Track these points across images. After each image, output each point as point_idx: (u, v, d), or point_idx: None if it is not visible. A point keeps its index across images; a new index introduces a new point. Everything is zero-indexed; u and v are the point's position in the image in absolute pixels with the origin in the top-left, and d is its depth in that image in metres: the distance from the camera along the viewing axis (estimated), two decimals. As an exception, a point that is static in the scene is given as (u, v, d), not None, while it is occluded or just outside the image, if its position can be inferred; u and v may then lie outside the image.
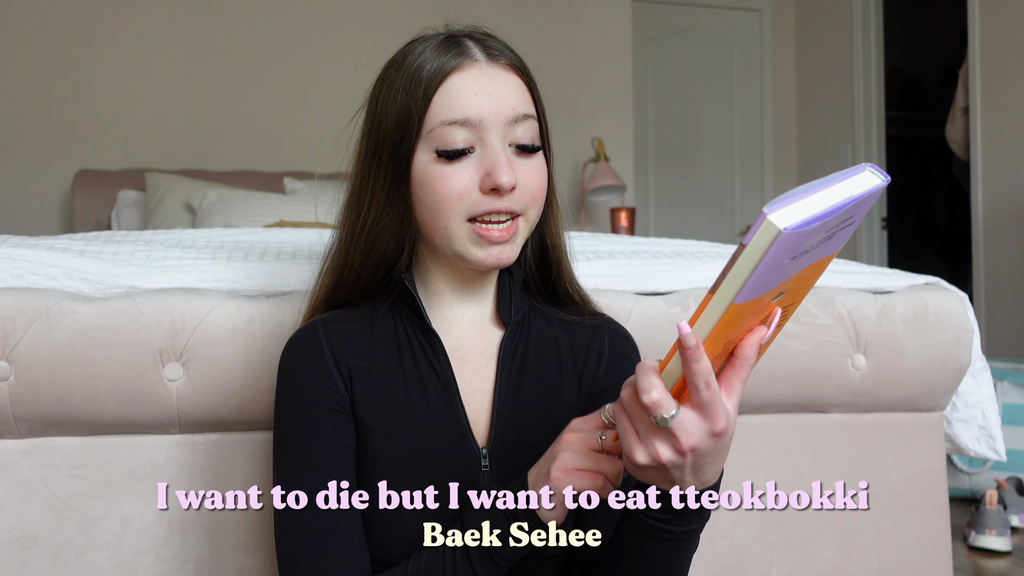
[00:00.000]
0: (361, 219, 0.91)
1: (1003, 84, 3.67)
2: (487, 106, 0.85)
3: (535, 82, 0.92)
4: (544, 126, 0.92)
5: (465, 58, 0.87)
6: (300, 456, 0.88)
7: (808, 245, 0.65)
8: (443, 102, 0.86)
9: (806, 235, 0.62)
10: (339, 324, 0.92)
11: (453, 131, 0.85)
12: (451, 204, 0.86)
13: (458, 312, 0.94)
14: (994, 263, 3.71)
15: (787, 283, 0.69)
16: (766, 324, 0.72)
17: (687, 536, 0.79)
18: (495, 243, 0.87)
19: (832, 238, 0.68)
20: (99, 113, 3.51)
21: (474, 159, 0.86)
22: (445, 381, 0.90)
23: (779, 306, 0.72)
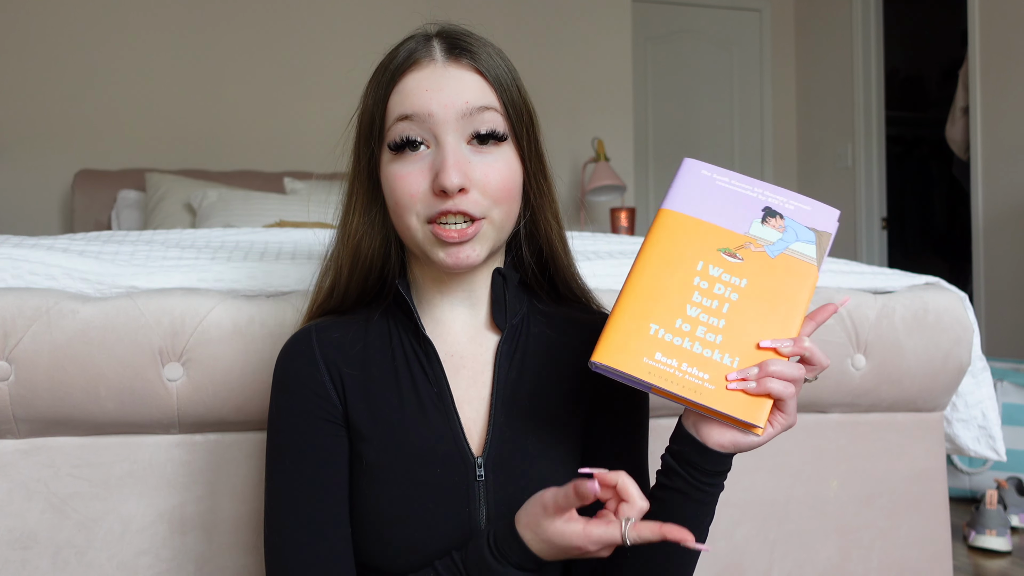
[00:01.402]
0: (348, 223, 0.92)
1: (1003, 84, 3.67)
2: (436, 99, 0.84)
3: (505, 83, 0.88)
4: (517, 122, 0.88)
5: (423, 56, 0.86)
6: (289, 464, 0.88)
7: (722, 186, 0.83)
8: (396, 100, 0.86)
9: (708, 169, 0.84)
10: (333, 330, 0.91)
11: (402, 126, 0.85)
12: (406, 205, 0.85)
13: (450, 317, 0.93)
14: (994, 263, 3.71)
15: (726, 237, 0.81)
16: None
17: (714, 494, 0.83)
18: (453, 243, 0.85)
19: (774, 242, 0.81)
20: (99, 113, 3.51)
21: (427, 159, 0.85)
22: (439, 389, 0.89)
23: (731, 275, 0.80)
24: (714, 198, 0.83)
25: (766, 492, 1.35)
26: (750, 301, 0.79)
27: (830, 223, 0.83)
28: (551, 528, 0.76)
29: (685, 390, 0.77)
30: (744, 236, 0.81)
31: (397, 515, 0.86)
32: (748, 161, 4.91)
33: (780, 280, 0.80)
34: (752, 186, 0.84)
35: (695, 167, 0.85)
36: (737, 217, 0.82)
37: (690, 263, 0.80)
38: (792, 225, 0.82)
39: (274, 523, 0.87)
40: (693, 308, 0.79)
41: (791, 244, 0.81)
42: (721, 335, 0.78)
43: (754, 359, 0.78)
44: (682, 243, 0.81)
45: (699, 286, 0.80)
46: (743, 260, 0.80)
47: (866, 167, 4.50)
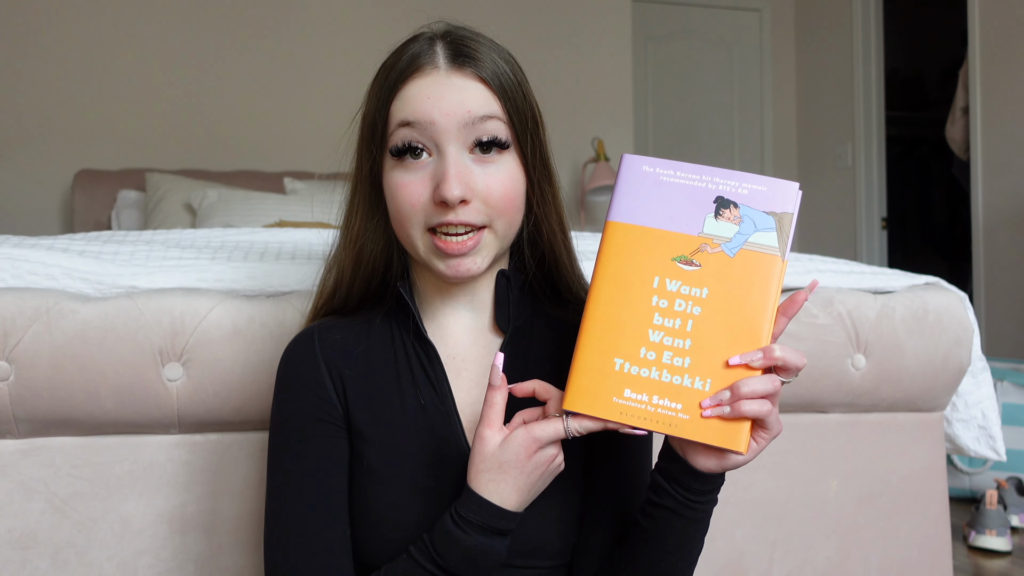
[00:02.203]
0: (351, 226, 0.92)
1: (1003, 84, 3.67)
2: (438, 108, 0.83)
3: (509, 90, 0.86)
4: (521, 129, 0.87)
5: (426, 63, 0.85)
6: (289, 464, 0.88)
7: (668, 182, 0.77)
8: (398, 106, 0.85)
9: (650, 164, 0.78)
10: (335, 332, 0.91)
11: (404, 133, 0.84)
12: (408, 214, 0.85)
13: (452, 320, 0.93)
14: (994, 263, 3.71)
15: (679, 242, 0.76)
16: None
17: (707, 509, 0.83)
18: (454, 255, 0.84)
19: (731, 238, 0.76)
20: (99, 113, 3.51)
21: (428, 168, 0.84)
22: (440, 391, 0.89)
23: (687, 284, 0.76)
24: (661, 198, 0.77)
25: (766, 492, 1.35)
26: (714, 312, 0.75)
27: (790, 200, 0.76)
28: (497, 453, 0.78)
29: (660, 425, 0.74)
30: (698, 238, 0.76)
31: (398, 516, 0.86)
32: (748, 161, 4.91)
33: (743, 281, 0.75)
34: (700, 175, 0.77)
35: (635, 164, 0.79)
36: (688, 216, 0.77)
37: (645, 281, 0.76)
38: (749, 214, 0.76)
39: (273, 522, 0.88)
40: (656, 332, 0.75)
41: (750, 236, 0.76)
42: (689, 357, 0.75)
43: (726, 378, 0.74)
44: (634, 259, 0.77)
45: (658, 306, 0.76)
46: (701, 266, 0.76)
47: (866, 167, 4.50)
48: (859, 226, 4.51)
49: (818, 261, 1.50)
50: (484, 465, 0.78)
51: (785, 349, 0.75)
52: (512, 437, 0.78)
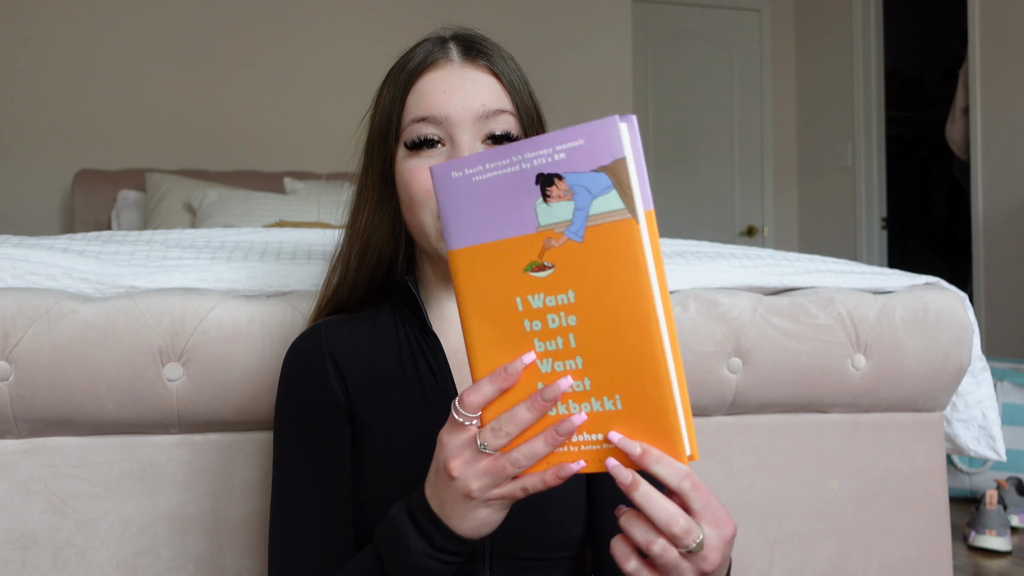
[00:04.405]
0: (358, 220, 0.93)
1: (1003, 84, 3.67)
2: (454, 102, 0.86)
3: (519, 87, 0.90)
4: (529, 126, 0.90)
5: (440, 58, 0.88)
6: (295, 457, 0.89)
7: (481, 181, 0.64)
8: (414, 101, 0.88)
9: (458, 168, 0.64)
10: (342, 327, 0.92)
11: (421, 128, 0.87)
12: (421, 201, 0.86)
13: (456, 313, 0.94)
14: (994, 263, 3.71)
15: (522, 248, 0.63)
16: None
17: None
18: None
19: (571, 220, 0.61)
20: (99, 113, 3.51)
21: (443, 155, 0.87)
22: (444, 383, 0.90)
23: (562, 288, 0.63)
24: (483, 203, 0.64)
25: (766, 492, 1.35)
26: (590, 315, 0.62)
27: (616, 142, 0.60)
28: None
29: (593, 464, 0.64)
30: (539, 233, 0.63)
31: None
32: (748, 161, 4.91)
33: (604, 265, 0.61)
34: (510, 158, 0.63)
35: (444, 175, 0.66)
36: (518, 212, 0.63)
37: (508, 307, 0.64)
38: (578, 181, 0.61)
39: (276, 510, 0.89)
40: (544, 362, 0.64)
41: (589, 208, 0.61)
42: (587, 377, 0.63)
43: (633, 387, 0.62)
44: (488, 286, 0.65)
45: (534, 330, 0.64)
46: (555, 267, 0.63)
47: (866, 167, 4.50)
48: (859, 226, 4.51)
49: (818, 261, 1.50)
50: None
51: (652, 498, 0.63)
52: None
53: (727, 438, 1.33)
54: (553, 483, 0.66)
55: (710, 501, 0.65)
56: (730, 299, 1.31)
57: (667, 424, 0.62)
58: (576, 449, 0.65)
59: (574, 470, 0.65)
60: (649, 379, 0.61)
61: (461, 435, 0.68)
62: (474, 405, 0.66)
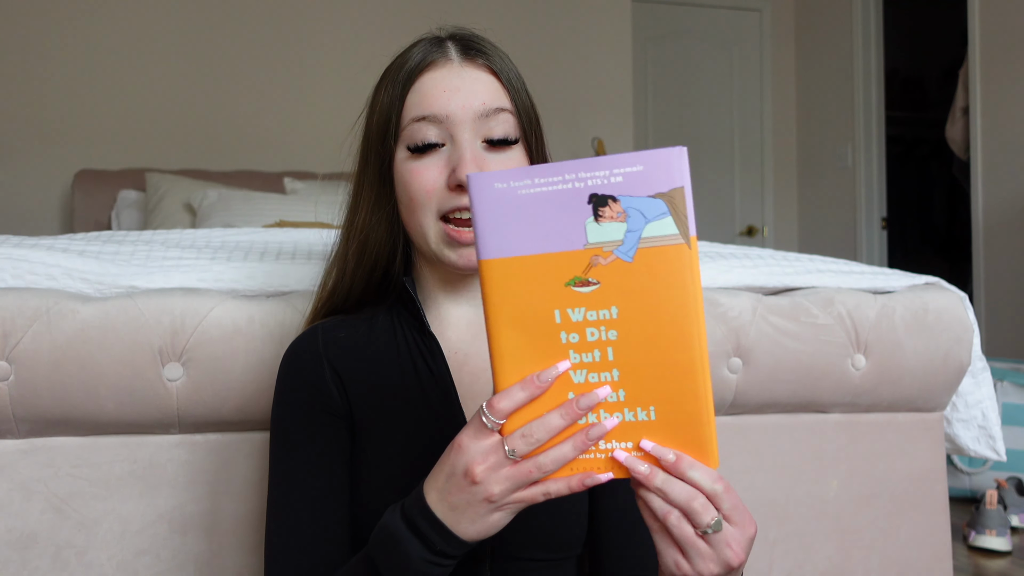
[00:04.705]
0: (355, 221, 0.93)
1: (1003, 84, 3.67)
2: (454, 101, 0.86)
3: (517, 86, 0.90)
4: (527, 125, 0.90)
5: (439, 57, 0.88)
6: (291, 460, 0.89)
7: (528, 195, 0.65)
8: (414, 100, 0.88)
9: (502, 179, 0.65)
10: (339, 329, 0.92)
11: (422, 127, 0.86)
12: (421, 201, 0.86)
13: (455, 315, 0.94)
14: (994, 263, 3.71)
15: (566, 263, 0.64)
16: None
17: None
18: (465, 244, 0.86)
19: (622, 240, 0.64)
20: (99, 113, 3.51)
21: (443, 155, 0.87)
22: (443, 384, 0.89)
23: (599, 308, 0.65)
24: (528, 216, 0.65)
25: (766, 492, 1.35)
26: (632, 331, 0.64)
27: (675, 172, 0.63)
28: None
29: (618, 471, 0.67)
30: (586, 250, 0.64)
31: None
32: (748, 161, 4.91)
33: (652, 286, 0.64)
34: (563, 175, 0.64)
35: (485, 184, 0.66)
36: (566, 228, 0.64)
37: (546, 319, 0.66)
38: (633, 204, 0.63)
39: (272, 512, 0.89)
40: (578, 373, 0.66)
41: (642, 231, 0.63)
42: (622, 389, 0.65)
43: (669, 400, 0.65)
44: (524, 297, 0.66)
45: (570, 342, 0.65)
46: (600, 284, 0.65)
47: (866, 167, 4.50)
48: (859, 226, 4.51)
49: (818, 261, 1.50)
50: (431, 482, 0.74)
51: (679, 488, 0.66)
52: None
53: (727, 438, 1.33)
54: (578, 489, 0.67)
55: (737, 503, 0.68)
56: (730, 299, 1.31)
57: (700, 434, 0.65)
58: (603, 456, 0.67)
59: (602, 480, 0.67)
60: (687, 392, 0.65)
61: (486, 440, 0.68)
62: (503, 411, 0.67)
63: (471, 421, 0.69)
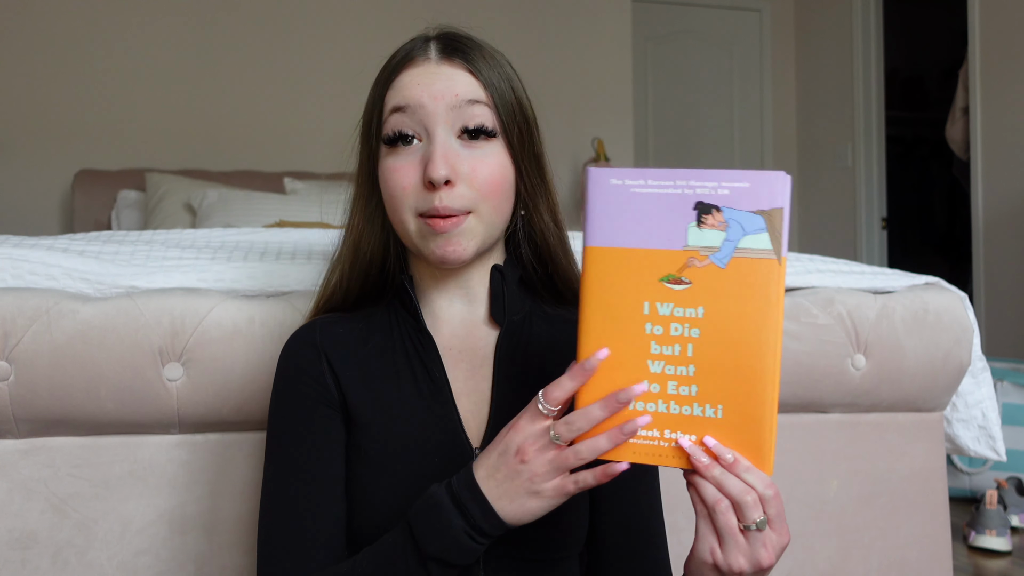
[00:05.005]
0: (352, 220, 0.95)
1: (1003, 84, 3.67)
2: (428, 92, 0.87)
3: (497, 83, 0.89)
4: (508, 120, 0.89)
5: (419, 55, 0.89)
6: (286, 450, 0.90)
7: (640, 193, 0.71)
8: (391, 95, 0.89)
9: (618, 176, 0.72)
10: (336, 325, 0.93)
11: (396, 118, 0.87)
12: (399, 198, 0.87)
13: (448, 312, 0.94)
14: (994, 263, 3.71)
15: (664, 260, 0.70)
16: None
17: None
18: (440, 232, 0.86)
19: (719, 247, 0.69)
20: (99, 113, 3.51)
21: (419, 151, 0.87)
22: (437, 381, 0.90)
23: (690, 326, 0.70)
24: (636, 213, 0.71)
25: (766, 492, 1.35)
26: (714, 332, 0.69)
27: (778, 194, 0.69)
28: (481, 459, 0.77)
29: (676, 460, 0.71)
30: (684, 251, 0.70)
31: (395, 503, 0.87)
32: (748, 161, 4.91)
33: (740, 293, 0.69)
34: (674, 180, 0.71)
35: (602, 179, 0.72)
36: (669, 229, 0.70)
37: (635, 308, 0.71)
38: (734, 216, 0.69)
39: (266, 505, 0.89)
40: (656, 363, 0.71)
41: (739, 242, 0.69)
42: (695, 385, 0.70)
43: (737, 400, 0.70)
44: (619, 286, 0.71)
45: (653, 333, 0.71)
46: (691, 284, 0.70)
47: (866, 167, 4.50)
48: (859, 226, 4.51)
49: (818, 261, 1.50)
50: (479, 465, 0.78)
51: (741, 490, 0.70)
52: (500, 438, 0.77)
53: (727, 438, 1.33)
54: (602, 480, 0.72)
55: (781, 511, 0.72)
56: (730, 299, 1.31)
57: (760, 439, 0.70)
58: (667, 445, 0.72)
59: (619, 470, 0.72)
60: (755, 397, 0.69)
61: (539, 423, 0.73)
62: (556, 399, 0.72)
63: (529, 405, 0.75)
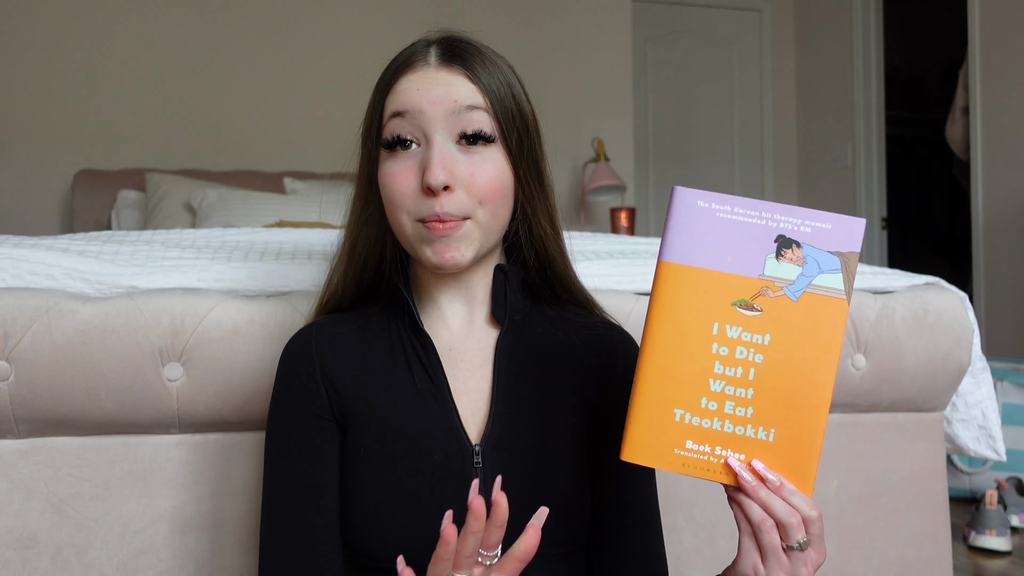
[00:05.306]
0: (350, 222, 0.95)
1: (1003, 84, 3.67)
2: (426, 97, 0.87)
3: (496, 89, 0.89)
4: (507, 127, 0.89)
5: (418, 60, 0.89)
6: (281, 461, 0.90)
7: (724, 219, 0.73)
8: (391, 100, 0.89)
9: (705, 199, 0.74)
10: (333, 328, 0.93)
11: (395, 123, 0.88)
12: (398, 202, 0.87)
13: (448, 312, 0.95)
14: (994, 263, 3.71)
15: (739, 285, 0.73)
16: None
17: None
18: (439, 236, 0.86)
19: (794, 280, 0.72)
20: (99, 113, 3.51)
21: (418, 156, 0.87)
22: (436, 380, 0.90)
23: (756, 351, 0.73)
24: (717, 236, 0.73)
25: (766, 492, 1.35)
26: (777, 360, 0.72)
27: (855, 239, 0.73)
28: None
29: (724, 476, 0.74)
30: (759, 280, 0.73)
31: (395, 500, 0.87)
32: (748, 161, 4.91)
33: (807, 327, 0.72)
34: (759, 212, 0.74)
35: (689, 199, 0.74)
36: (748, 256, 0.73)
37: (704, 327, 0.73)
38: (812, 254, 0.73)
39: (264, 513, 0.90)
40: (717, 382, 0.73)
41: (814, 279, 0.73)
42: (751, 407, 0.73)
43: (790, 427, 0.73)
44: (692, 304, 0.73)
45: (719, 354, 0.73)
46: (762, 311, 0.73)
47: (866, 167, 4.50)
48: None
49: (818, 261, 1.50)
50: None
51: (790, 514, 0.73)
52: None
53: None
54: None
55: (822, 533, 0.75)
56: (730, 299, 1.31)
57: (806, 465, 0.74)
58: (716, 461, 0.74)
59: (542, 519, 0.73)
60: (807, 426, 0.73)
61: None
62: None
63: None
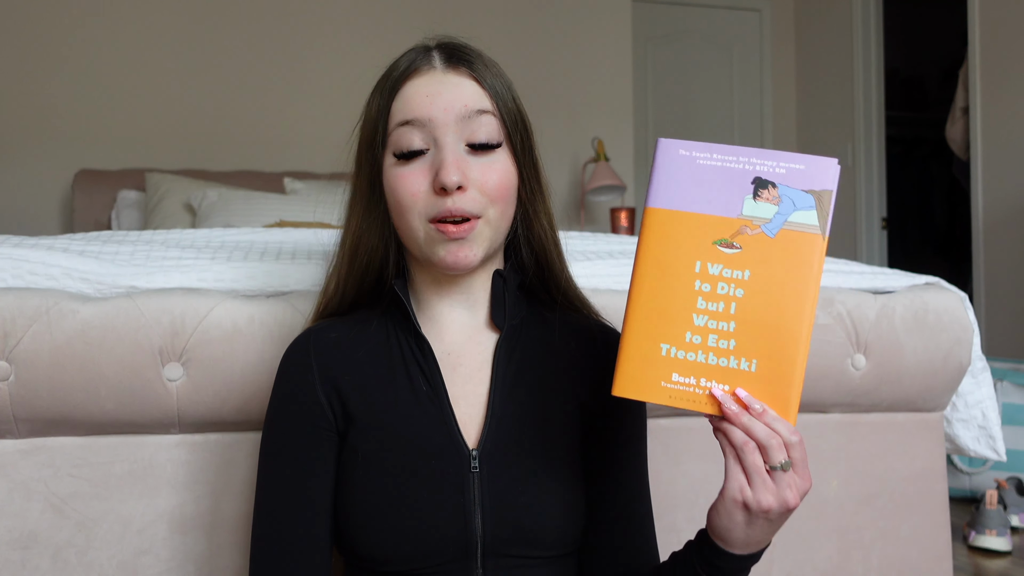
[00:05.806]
0: (349, 226, 0.95)
1: (1003, 84, 3.67)
2: (436, 104, 0.88)
3: (500, 91, 0.91)
4: (511, 128, 0.91)
5: (423, 65, 0.90)
6: (275, 466, 0.91)
7: (704, 165, 0.78)
8: (398, 107, 0.90)
9: (686, 147, 0.79)
10: (332, 332, 0.94)
11: (406, 132, 0.88)
12: (409, 204, 0.88)
13: (448, 317, 0.95)
14: (994, 263, 3.71)
15: (718, 225, 0.77)
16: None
17: None
18: (452, 238, 0.87)
19: (770, 219, 0.76)
20: (99, 113, 3.51)
21: (428, 160, 0.88)
22: (434, 385, 0.91)
23: (737, 286, 0.77)
24: (699, 181, 0.78)
25: (766, 492, 1.35)
26: (757, 294, 0.77)
27: (829, 178, 0.77)
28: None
29: (709, 406, 0.78)
30: (738, 220, 0.77)
31: (392, 504, 0.87)
32: (748, 161, 4.91)
33: (784, 262, 0.77)
34: (737, 156, 0.78)
35: (671, 148, 0.79)
36: (727, 198, 0.78)
37: (687, 266, 0.78)
38: (787, 193, 0.77)
39: (256, 516, 0.91)
40: (700, 316, 0.77)
41: (789, 216, 0.77)
42: (734, 339, 0.77)
43: (772, 357, 0.76)
44: (675, 244, 0.78)
45: (701, 290, 0.77)
46: (741, 249, 0.77)
47: (866, 167, 4.50)
48: (859, 226, 4.51)
49: (818, 261, 1.50)
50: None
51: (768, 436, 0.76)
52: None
53: (727, 438, 1.33)
54: None
55: (804, 458, 0.78)
56: (730, 299, 1.31)
57: (787, 393, 0.77)
58: (701, 392, 0.77)
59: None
60: (787, 355, 0.76)
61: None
62: None
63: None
